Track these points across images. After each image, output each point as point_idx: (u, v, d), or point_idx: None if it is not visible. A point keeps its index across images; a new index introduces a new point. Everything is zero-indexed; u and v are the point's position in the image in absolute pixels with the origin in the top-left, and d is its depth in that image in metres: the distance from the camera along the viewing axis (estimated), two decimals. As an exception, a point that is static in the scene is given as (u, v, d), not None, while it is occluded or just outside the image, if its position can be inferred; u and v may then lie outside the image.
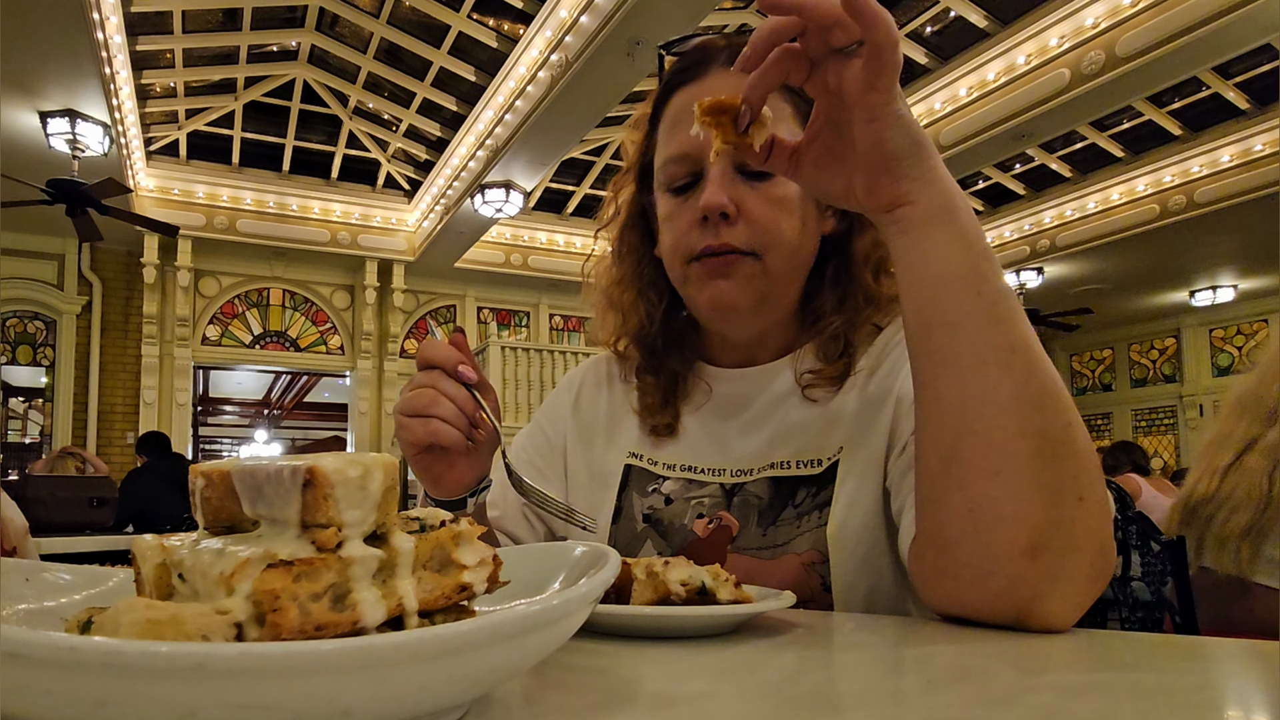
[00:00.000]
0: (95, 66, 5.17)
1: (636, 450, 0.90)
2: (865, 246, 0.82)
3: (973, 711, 0.36)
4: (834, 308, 0.83)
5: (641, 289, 0.90)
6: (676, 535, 0.84)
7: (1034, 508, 0.55)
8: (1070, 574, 0.56)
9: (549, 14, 5.59)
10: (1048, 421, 0.56)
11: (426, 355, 0.72)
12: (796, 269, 0.82)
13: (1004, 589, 0.56)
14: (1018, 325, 0.58)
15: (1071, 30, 5.71)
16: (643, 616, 0.53)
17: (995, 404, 0.56)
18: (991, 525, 0.56)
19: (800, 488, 0.80)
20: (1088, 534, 0.56)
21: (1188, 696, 0.39)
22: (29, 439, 8.11)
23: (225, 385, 13.40)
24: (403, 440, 0.73)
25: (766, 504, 0.81)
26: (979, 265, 0.59)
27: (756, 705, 0.38)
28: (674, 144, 0.81)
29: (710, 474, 0.86)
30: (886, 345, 0.82)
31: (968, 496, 0.57)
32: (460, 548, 0.35)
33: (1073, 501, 0.56)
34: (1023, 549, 0.55)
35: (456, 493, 0.78)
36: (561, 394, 1.01)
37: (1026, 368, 0.57)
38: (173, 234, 6.89)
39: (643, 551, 0.85)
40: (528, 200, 7.81)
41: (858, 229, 0.83)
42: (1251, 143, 6.94)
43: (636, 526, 0.86)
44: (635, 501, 0.87)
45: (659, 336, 0.91)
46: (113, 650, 0.23)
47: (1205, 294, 9.64)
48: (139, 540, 0.34)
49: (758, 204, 0.77)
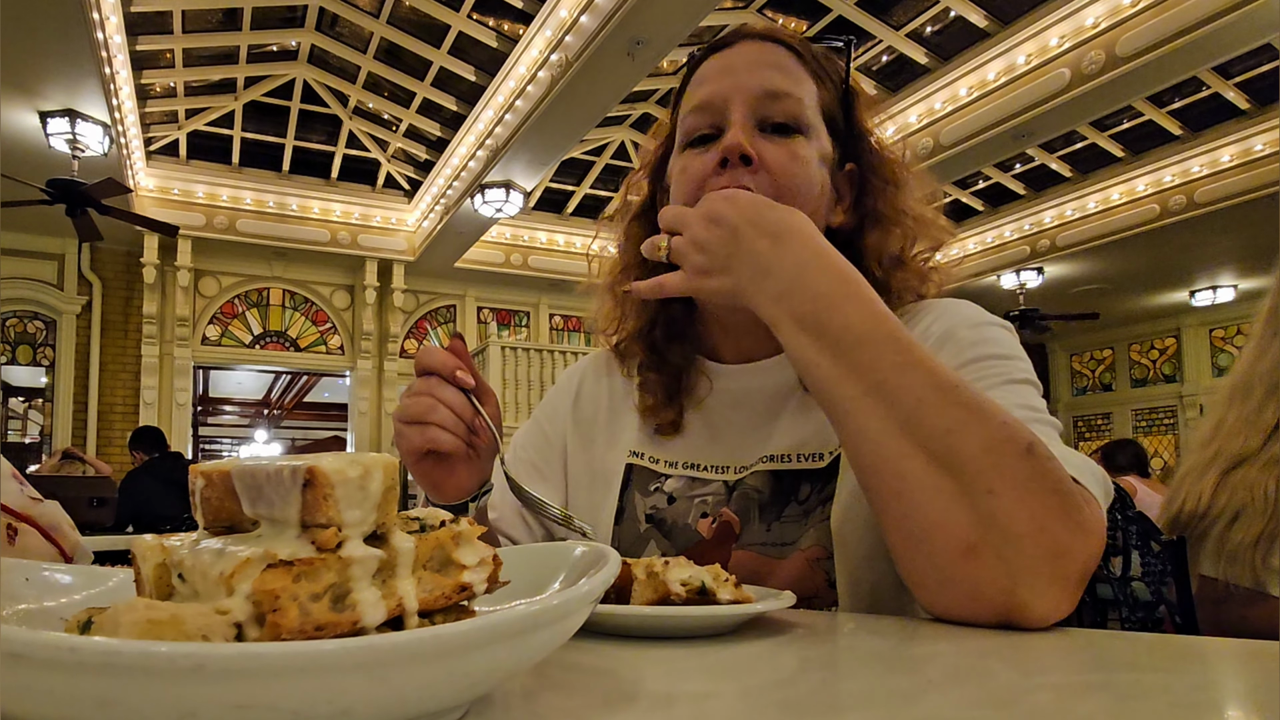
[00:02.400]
0: (95, 66, 5.17)
1: (638, 449, 0.90)
2: (875, 241, 0.82)
3: (973, 712, 0.36)
4: None
5: (643, 278, 0.91)
6: (680, 535, 0.83)
7: (948, 513, 0.57)
8: (1020, 563, 0.55)
9: (549, 14, 5.59)
10: (923, 437, 0.59)
11: (424, 361, 0.72)
12: None
13: (967, 593, 0.57)
14: (873, 367, 0.61)
15: (1072, 30, 5.70)
16: (643, 616, 0.53)
17: (869, 440, 0.61)
18: (921, 539, 0.59)
19: (804, 482, 0.80)
20: (1015, 521, 0.56)
21: (1188, 696, 0.39)
22: (29, 439, 8.11)
23: (225, 385, 13.40)
24: (401, 448, 0.73)
25: (767, 498, 0.80)
26: (829, 333, 0.63)
27: (756, 705, 0.38)
28: (698, 95, 0.81)
29: (713, 471, 0.85)
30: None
31: (892, 520, 0.61)
32: (460, 548, 0.35)
33: (983, 495, 0.56)
34: (959, 553, 0.57)
35: (457, 498, 0.77)
36: (561, 392, 1.00)
37: (885, 403, 0.60)
38: (173, 234, 6.89)
39: (646, 552, 0.84)
40: (528, 200, 7.81)
41: (870, 223, 0.83)
42: (1252, 143, 6.93)
43: (640, 527, 0.85)
44: (638, 501, 0.87)
45: (660, 328, 0.90)
46: (113, 650, 0.23)
47: (1205, 294, 9.63)
48: (139, 540, 0.34)
49: (780, 156, 0.76)
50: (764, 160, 0.76)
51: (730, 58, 0.80)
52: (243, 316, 8.90)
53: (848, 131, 0.84)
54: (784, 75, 0.78)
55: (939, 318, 0.80)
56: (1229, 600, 1.13)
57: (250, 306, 8.95)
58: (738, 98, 0.77)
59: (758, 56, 0.79)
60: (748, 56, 0.79)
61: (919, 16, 6.19)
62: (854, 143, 0.84)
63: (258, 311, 8.98)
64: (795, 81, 0.79)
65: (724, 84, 0.78)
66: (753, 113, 0.77)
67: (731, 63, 0.80)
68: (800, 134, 0.78)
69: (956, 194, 8.63)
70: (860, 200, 0.84)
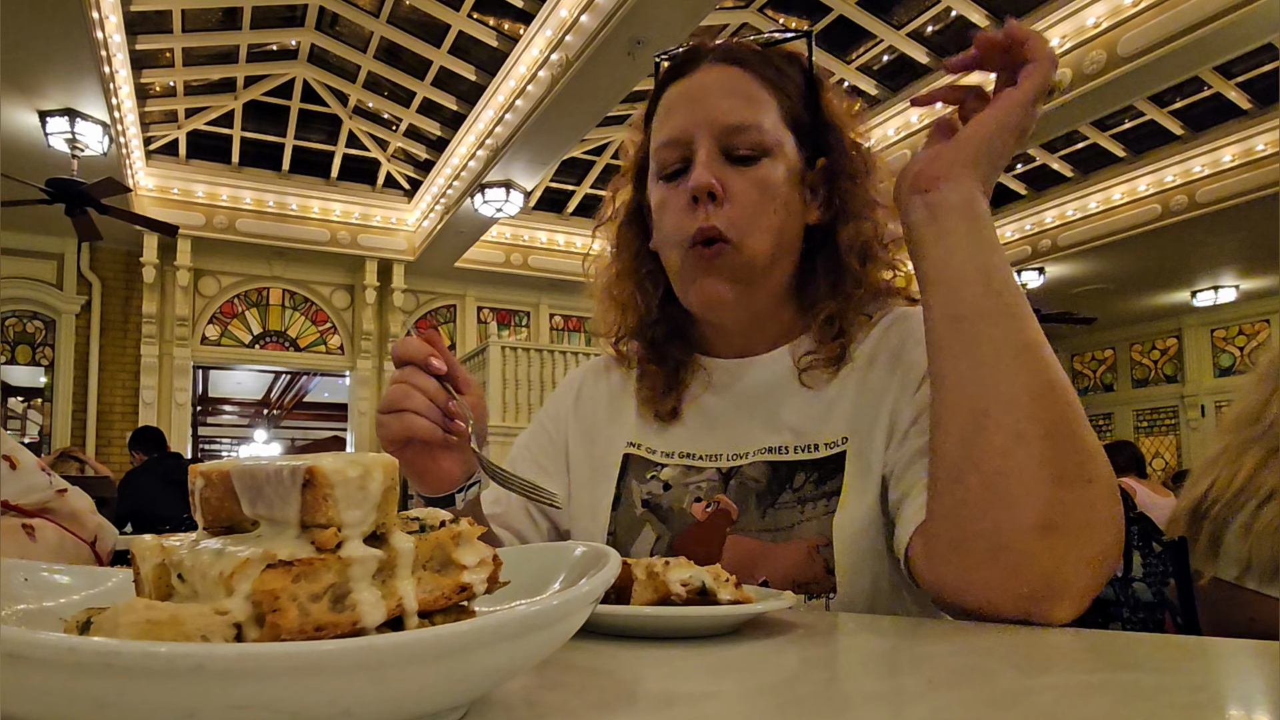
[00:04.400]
0: (95, 65, 5.17)
1: (635, 440, 0.93)
2: (850, 235, 0.86)
3: (973, 712, 0.36)
4: (826, 293, 0.86)
5: (639, 281, 0.93)
6: (675, 520, 0.85)
7: (1045, 487, 0.59)
8: (1080, 556, 0.59)
9: (549, 13, 5.59)
10: (1056, 411, 0.61)
11: (400, 352, 0.75)
12: (780, 252, 0.84)
13: (1015, 566, 0.59)
14: (1030, 324, 0.64)
15: (1073, 30, 5.70)
16: (643, 616, 0.53)
17: (1010, 393, 0.62)
18: (1006, 502, 0.60)
19: (798, 471, 0.82)
20: (1097, 514, 0.60)
21: (1188, 696, 0.39)
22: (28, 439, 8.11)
23: (225, 385, 13.40)
24: (382, 438, 0.75)
25: (764, 487, 0.83)
26: (998, 266, 0.66)
27: (756, 705, 0.38)
28: (665, 131, 0.85)
29: (707, 459, 0.88)
30: (884, 336, 0.85)
31: (982, 476, 0.61)
32: (460, 548, 0.35)
33: (1082, 484, 0.59)
34: (1034, 526, 0.59)
35: (443, 488, 0.78)
36: (562, 394, 1.04)
37: (1038, 362, 0.63)
38: (172, 233, 6.89)
39: (642, 535, 0.87)
40: (528, 200, 7.81)
41: (842, 219, 0.86)
42: (1253, 142, 6.93)
43: (636, 511, 0.88)
44: (634, 488, 0.90)
45: (659, 326, 0.93)
46: (113, 651, 0.23)
47: (1207, 294, 9.63)
48: (138, 540, 0.34)
49: (742, 185, 0.81)
50: (730, 192, 0.81)
51: (693, 87, 0.85)
52: (242, 316, 8.90)
53: (816, 125, 0.87)
54: (745, 103, 0.82)
55: (915, 336, 0.82)
56: (1238, 604, 1.13)
57: (250, 306, 8.95)
58: (702, 133, 0.82)
59: (718, 84, 0.83)
60: (709, 85, 0.84)
61: (920, 16, 6.18)
62: (823, 133, 0.87)
63: (257, 311, 8.98)
64: (756, 107, 0.83)
65: (689, 118, 0.83)
66: (717, 145, 0.82)
67: (694, 93, 0.84)
68: (766, 157, 0.82)
69: (957, 194, 8.63)
70: (832, 194, 0.87)
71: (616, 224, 0.97)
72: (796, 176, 0.85)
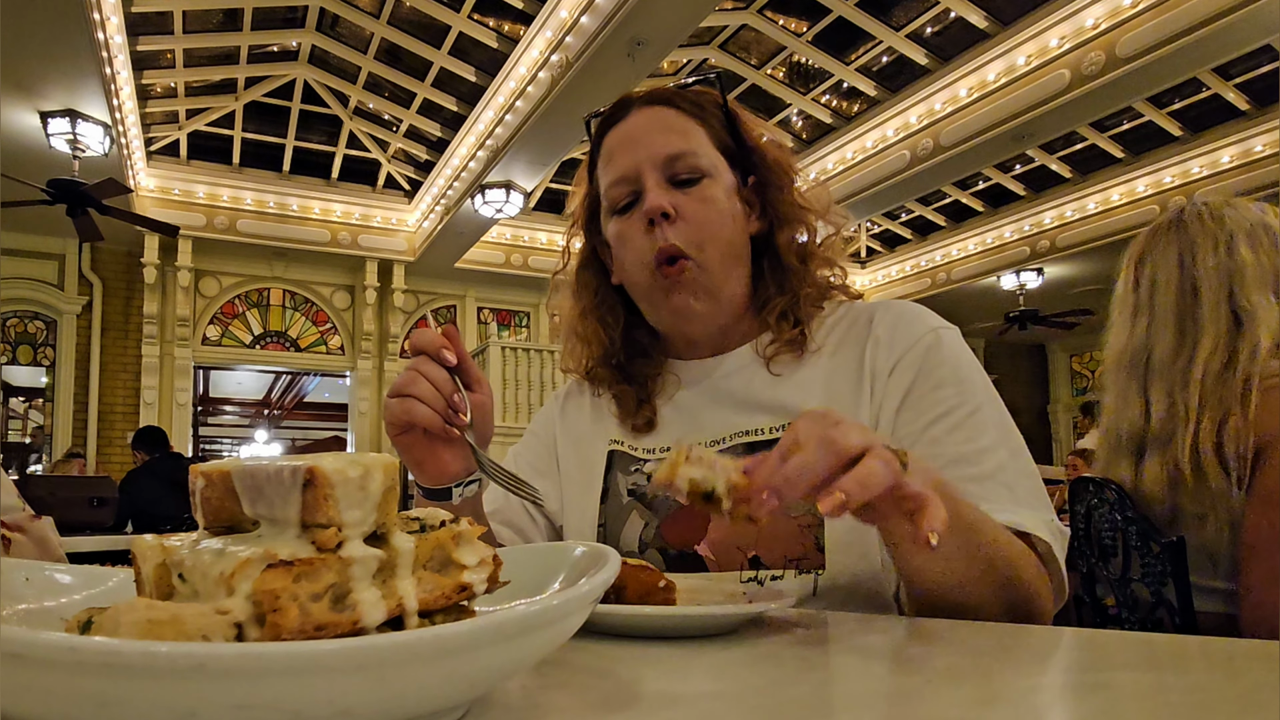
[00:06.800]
0: (95, 66, 5.17)
1: (618, 438, 1.00)
2: (786, 238, 0.94)
3: (973, 711, 0.36)
4: (776, 291, 0.94)
5: (601, 316, 1.01)
6: (661, 505, 0.92)
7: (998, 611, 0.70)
8: (1031, 611, 0.71)
9: (549, 14, 5.59)
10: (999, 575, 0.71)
11: (415, 342, 0.77)
12: (734, 259, 0.92)
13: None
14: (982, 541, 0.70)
15: (1072, 31, 5.71)
16: (643, 616, 0.53)
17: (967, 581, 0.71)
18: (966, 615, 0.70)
19: None
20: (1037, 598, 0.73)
21: (1188, 696, 0.39)
22: (29, 439, 8.10)
23: (225, 385, 13.40)
24: (386, 421, 0.77)
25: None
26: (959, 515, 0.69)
27: (756, 705, 0.38)
28: (612, 171, 0.94)
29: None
30: (835, 325, 0.93)
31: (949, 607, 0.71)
32: (460, 548, 0.35)
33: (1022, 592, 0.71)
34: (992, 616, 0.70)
35: (441, 481, 0.79)
36: (550, 404, 1.13)
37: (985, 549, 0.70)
38: (173, 234, 6.89)
39: (629, 521, 0.93)
40: (528, 200, 7.81)
41: (778, 225, 0.95)
42: (1252, 144, 6.94)
43: (622, 500, 0.95)
44: (620, 480, 0.97)
45: (622, 353, 1.01)
46: (113, 650, 0.23)
47: (1205, 294, 9.62)
48: (139, 540, 0.34)
49: (691, 205, 0.89)
50: (681, 212, 0.89)
51: (630, 129, 0.94)
52: (243, 317, 8.90)
53: (740, 151, 0.96)
54: (678, 135, 0.92)
55: (892, 326, 0.89)
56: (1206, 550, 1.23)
57: (250, 307, 8.95)
58: (646, 166, 0.91)
59: (652, 123, 0.93)
60: (644, 125, 0.93)
61: (919, 17, 6.19)
62: (748, 155, 0.96)
63: (258, 312, 8.98)
64: (687, 136, 0.92)
65: (632, 155, 0.92)
66: (661, 174, 0.90)
67: (632, 133, 0.93)
68: (706, 177, 0.91)
69: (956, 194, 8.64)
70: (765, 205, 0.96)
71: (575, 268, 1.05)
72: (734, 192, 0.93)
